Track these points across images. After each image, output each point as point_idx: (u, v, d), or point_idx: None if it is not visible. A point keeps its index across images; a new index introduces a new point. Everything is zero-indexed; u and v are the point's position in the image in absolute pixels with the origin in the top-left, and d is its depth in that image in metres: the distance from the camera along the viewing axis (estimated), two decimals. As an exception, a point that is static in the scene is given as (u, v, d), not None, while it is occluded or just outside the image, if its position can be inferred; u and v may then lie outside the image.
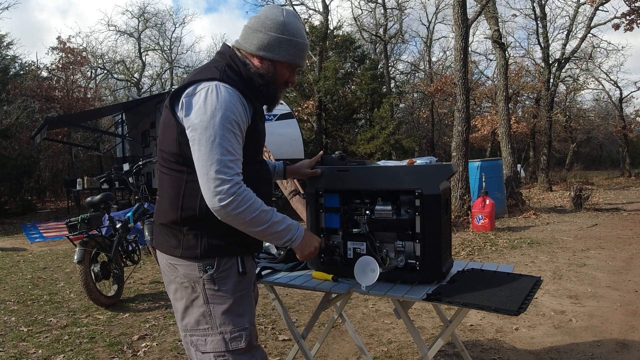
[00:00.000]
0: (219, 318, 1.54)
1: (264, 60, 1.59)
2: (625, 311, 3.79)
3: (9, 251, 7.43)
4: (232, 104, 1.46)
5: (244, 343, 1.55)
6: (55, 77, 18.43)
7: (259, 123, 1.63)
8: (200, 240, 1.54)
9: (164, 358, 3.11)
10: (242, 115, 1.50)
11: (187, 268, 1.56)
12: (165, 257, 1.62)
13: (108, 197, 4.76)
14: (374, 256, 1.93)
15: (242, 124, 1.50)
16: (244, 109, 1.50)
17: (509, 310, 1.65)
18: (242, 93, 1.51)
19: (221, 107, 1.44)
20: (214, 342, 1.54)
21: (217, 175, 1.42)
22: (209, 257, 1.55)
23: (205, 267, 1.54)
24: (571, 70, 22.37)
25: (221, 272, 1.56)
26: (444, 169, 1.89)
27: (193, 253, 1.54)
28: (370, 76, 18.94)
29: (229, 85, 1.48)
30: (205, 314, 1.55)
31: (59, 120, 12.40)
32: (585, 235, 7.31)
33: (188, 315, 1.58)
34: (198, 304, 1.56)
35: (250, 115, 1.55)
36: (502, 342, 3.22)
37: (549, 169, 18.35)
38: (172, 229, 1.58)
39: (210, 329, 1.55)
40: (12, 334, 3.61)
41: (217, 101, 1.44)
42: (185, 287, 1.57)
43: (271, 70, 1.60)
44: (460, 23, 9.18)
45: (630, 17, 11.27)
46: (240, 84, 1.53)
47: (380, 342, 3.30)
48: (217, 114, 1.43)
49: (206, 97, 1.45)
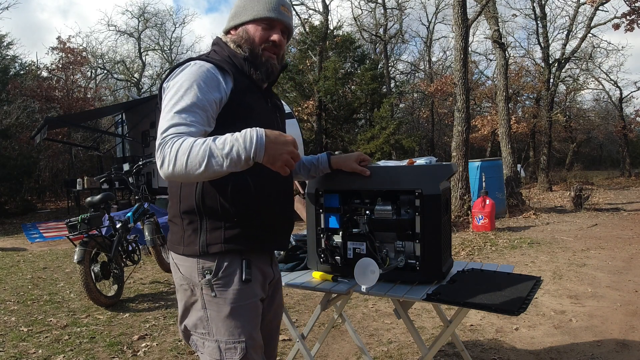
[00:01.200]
0: (215, 326, 1.47)
1: (237, 29, 1.55)
2: (625, 311, 3.79)
3: (9, 251, 7.43)
4: (199, 73, 1.40)
5: (238, 357, 1.44)
6: (55, 77, 18.44)
7: (253, 101, 1.52)
8: (199, 235, 1.46)
9: (164, 358, 3.11)
10: (212, 86, 1.41)
11: (187, 269, 1.50)
12: (172, 255, 1.56)
13: (108, 197, 4.76)
14: (374, 256, 1.93)
15: (213, 94, 1.40)
16: (216, 79, 1.42)
17: (509, 310, 1.65)
18: (218, 67, 1.45)
19: (184, 77, 1.39)
20: (210, 348, 1.48)
21: (157, 139, 1.33)
22: (209, 254, 1.45)
23: (204, 271, 1.47)
24: (571, 70, 22.41)
25: (220, 278, 1.46)
26: (444, 169, 1.89)
27: (193, 250, 1.47)
28: (370, 76, 18.96)
29: (203, 61, 1.44)
30: (203, 319, 1.48)
31: (59, 120, 12.40)
32: (585, 235, 7.31)
33: (187, 317, 1.53)
34: (196, 307, 1.50)
35: (230, 88, 1.45)
36: (502, 342, 3.22)
37: (549, 169, 18.35)
38: (175, 224, 1.53)
39: (207, 334, 1.48)
40: (12, 334, 3.61)
41: (183, 73, 1.41)
42: (185, 290, 1.52)
43: (244, 36, 1.52)
44: (460, 23, 9.19)
45: (631, 17, 11.27)
46: (220, 61, 1.47)
47: (380, 342, 3.30)
48: (178, 84, 1.39)
49: (179, 73, 1.43)
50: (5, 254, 7.20)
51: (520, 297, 1.76)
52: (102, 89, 23.06)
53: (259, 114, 1.52)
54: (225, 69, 1.46)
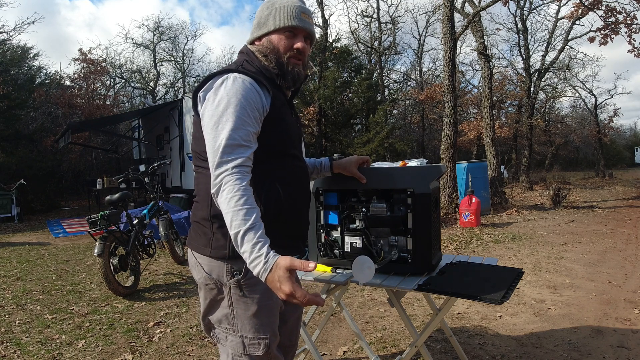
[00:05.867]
0: (240, 322, 1.41)
1: (261, 39, 1.47)
2: (599, 300, 3.79)
3: (35, 245, 7.43)
4: (242, 90, 1.32)
5: (262, 351, 1.41)
6: (77, 86, 18.42)
7: (285, 114, 1.45)
8: (229, 240, 1.36)
9: (177, 343, 3.11)
10: (256, 102, 1.34)
11: (214, 269, 1.42)
12: (194, 255, 1.48)
13: (126, 196, 4.76)
14: (370, 250, 1.93)
15: (256, 111, 1.34)
16: (257, 95, 1.35)
17: (493, 299, 1.65)
18: (257, 81, 1.37)
19: (228, 94, 1.31)
20: (233, 342, 1.43)
21: (219, 160, 1.26)
22: (238, 258, 1.29)
23: (233, 272, 1.39)
24: (550, 79, 22.41)
25: (249, 278, 1.39)
26: (433, 170, 1.89)
27: (221, 253, 1.39)
28: (366, 85, 18.96)
29: (243, 75, 1.35)
30: (229, 315, 1.43)
31: (81, 125, 12.40)
32: (563, 231, 7.31)
33: (212, 312, 1.47)
34: (223, 304, 1.44)
35: (269, 102, 1.38)
36: (487, 328, 3.22)
37: (530, 169, 18.36)
38: (202, 226, 1.44)
39: (232, 330, 1.43)
40: (37, 321, 3.61)
41: (226, 89, 1.32)
42: (211, 289, 1.44)
43: (269, 46, 1.45)
44: (449, 36, 9.18)
45: (605, 31, 11.26)
46: (256, 74, 1.40)
47: (375, 328, 3.30)
48: (224, 100, 1.31)
49: (219, 87, 1.34)
50: (31, 247, 7.20)
51: (503, 287, 1.76)
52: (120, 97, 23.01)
53: (289, 125, 1.48)
54: (263, 82, 1.39)
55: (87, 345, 3.10)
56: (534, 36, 23.33)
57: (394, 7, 43.06)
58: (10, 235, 8.66)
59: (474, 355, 2.77)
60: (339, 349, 2.93)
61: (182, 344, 3.10)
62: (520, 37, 19.53)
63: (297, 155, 1.52)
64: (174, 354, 2.93)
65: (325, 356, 2.84)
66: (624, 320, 3.29)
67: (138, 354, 2.94)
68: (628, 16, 10.95)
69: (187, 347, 3.03)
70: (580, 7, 11.24)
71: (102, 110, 16.99)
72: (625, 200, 12.04)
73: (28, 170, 12.85)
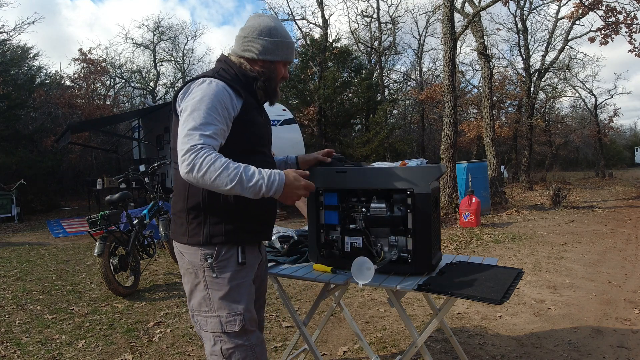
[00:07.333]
0: (216, 303, 1.57)
1: (265, 62, 1.66)
2: (599, 300, 3.78)
3: (35, 245, 7.43)
4: (218, 92, 1.49)
5: (238, 327, 1.56)
6: (77, 86, 18.40)
7: (255, 116, 1.64)
8: (203, 228, 1.57)
9: (177, 343, 3.11)
10: (228, 104, 1.51)
11: (191, 255, 1.59)
12: (176, 244, 1.66)
13: (126, 196, 4.76)
14: (370, 250, 1.93)
15: (226, 110, 1.50)
16: (229, 97, 1.53)
17: (493, 299, 1.65)
18: (230, 86, 1.55)
19: (203, 93, 1.48)
20: (212, 323, 1.57)
21: (184, 144, 1.39)
22: (211, 244, 1.56)
23: (206, 256, 1.57)
24: (550, 79, 22.40)
25: (220, 261, 1.57)
26: (433, 170, 1.89)
27: (196, 240, 1.57)
28: (366, 85, 18.95)
29: (217, 80, 1.53)
30: (205, 298, 1.58)
31: (81, 125, 12.39)
32: (563, 231, 7.31)
33: (193, 298, 1.63)
34: (200, 288, 1.60)
35: (240, 106, 1.56)
36: (486, 328, 3.22)
37: (530, 169, 18.36)
38: (180, 218, 1.62)
39: (209, 311, 1.58)
40: (37, 321, 3.61)
41: (202, 89, 1.49)
42: (190, 273, 1.61)
43: (271, 69, 1.67)
44: (449, 36, 9.18)
45: (605, 31, 11.26)
46: (231, 81, 1.57)
47: (375, 328, 3.30)
48: (198, 97, 1.47)
49: (196, 88, 1.51)
50: (31, 247, 7.20)
51: (503, 287, 1.76)
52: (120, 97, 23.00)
53: (258, 126, 1.66)
54: (236, 87, 1.57)
55: (87, 345, 3.10)
56: (534, 36, 23.27)
57: (394, 7, 42.96)
58: (10, 235, 8.66)
59: (474, 355, 2.77)
60: (339, 349, 2.93)
61: (182, 344, 3.09)
62: (520, 37, 19.52)
63: (266, 152, 1.73)
64: (174, 354, 2.92)
65: (325, 356, 2.84)
66: (624, 320, 3.29)
67: (138, 354, 2.94)
68: (628, 16, 10.95)
69: (187, 347, 3.03)
70: (580, 7, 11.24)
71: (102, 110, 16.98)
72: (625, 200, 12.04)
73: (28, 170, 12.84)
